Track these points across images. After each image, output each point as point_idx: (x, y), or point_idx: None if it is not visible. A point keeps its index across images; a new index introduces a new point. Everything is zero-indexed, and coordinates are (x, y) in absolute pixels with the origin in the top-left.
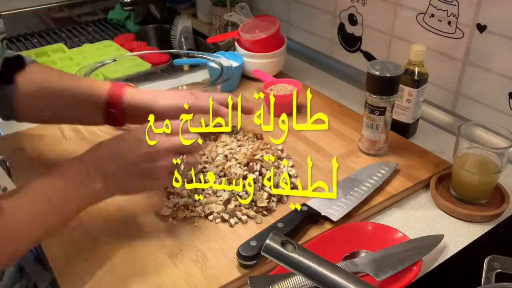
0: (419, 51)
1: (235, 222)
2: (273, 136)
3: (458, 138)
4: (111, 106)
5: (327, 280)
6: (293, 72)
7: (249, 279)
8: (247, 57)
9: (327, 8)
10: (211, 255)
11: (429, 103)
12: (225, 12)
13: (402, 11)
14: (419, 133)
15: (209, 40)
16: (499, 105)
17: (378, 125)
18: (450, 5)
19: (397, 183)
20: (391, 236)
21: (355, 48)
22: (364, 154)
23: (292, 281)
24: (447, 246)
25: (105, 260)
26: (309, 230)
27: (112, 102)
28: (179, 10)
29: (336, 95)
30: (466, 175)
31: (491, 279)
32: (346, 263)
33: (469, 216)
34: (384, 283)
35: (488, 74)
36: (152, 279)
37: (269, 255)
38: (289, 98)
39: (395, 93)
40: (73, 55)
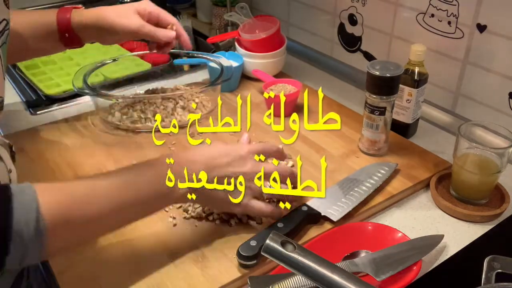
0: (419, 51)
1: (235, 222)
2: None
3: (458, 138)
4: (62, 29)
5: (327, 280)
6: (293, 72)
7: (249, 279)
8: (247, 57)
9: (327, 8)
10: (211, 255)
11: (429, 103)
12: (225, 12)
13: (402, 11)
14: (419, 133)
15: (209, 40)
16: (499, 105)
17: (378, 125)
18: (450, 5)
19: (397, 183)
20: (391, 236)
21: (355, 48)
22: (364, 154)
23: (292, 281)
24: (447, 246)
25: (105, 260)
26: (309, 230)
27: (62, 27)
28: (179, 10)
29: (336, 95)
30: (466, 175)
31: (491, 279)
32: (346, 263)
33: (469, 216)
34: (384, 283)
35: (488, 74)
36: (152, 279)
37: (269, 255)
38: (290, 97)
39: (395, 93)
40: (73, 55)
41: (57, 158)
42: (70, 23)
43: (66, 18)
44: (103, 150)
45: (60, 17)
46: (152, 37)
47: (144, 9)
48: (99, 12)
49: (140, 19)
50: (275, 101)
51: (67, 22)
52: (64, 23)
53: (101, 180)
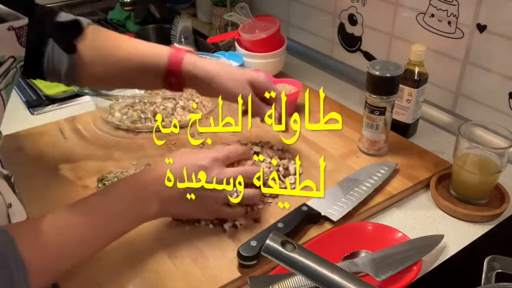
0: (419, 51)
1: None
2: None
3: (458, 138)
4: (170, 74)
5: (327, 280)
6: (293, 72)
7: (249, 279)
8: (247, 57)
9: (327, 8)
10: (211, 255)
11: (429, 103)
12: (225, 12)
13: (402, 11)
14: (419, 133)
15: (209, 40)
16: (499, 105)
17: (378, 125)
18: (450, 5)
19: (397, 183)
20: (391, 236)
21: (355, 48)
22: (364, 154)
23: (292, 281)
24: (447, 246)
25: (105, 260)
26: (309, 230)
27: (171, 70)
28: (179, 10)
29: (336, 95)
30: (466, 175)
31: (491, 279)
32: (346, 263)
33: (469, 216)
34: (384, 283)
35: (488, 74)
36: (152, 279)
37: (269, 255)
38: (290, 98)
39: (395, 93)
40: None
41: (57, 158)
42: (181, 69)
43: (178, 63)
44: (103, 150)
45: (173, 60)
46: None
47: (257, 81)
48: (213, 69)
49: (251, 89)
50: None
51: (178, 67)
52: (175, 67)
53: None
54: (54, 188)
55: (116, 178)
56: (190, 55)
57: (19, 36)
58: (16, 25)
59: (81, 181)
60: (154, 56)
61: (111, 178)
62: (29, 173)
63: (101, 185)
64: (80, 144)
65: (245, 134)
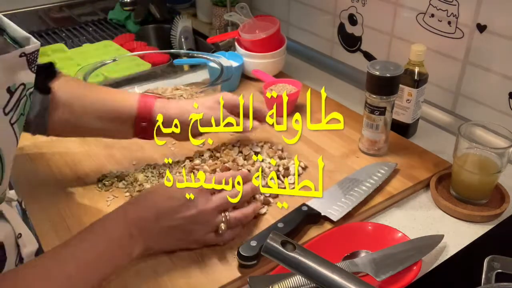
0: (419, 51)
1: None
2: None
3: (458, 138)
4: (141, 119)
5: (327, 280)
6: (293, 72)
7: (249, 279)
8: (247, 57)
9: (327, 8)
10: (211, 255)
11: (429, 103)
12: (225, 12)
13: (402, 11)
14: (419, 133)
15: (209, 40)
16: (499, 105)
17: (378, 125)
18: (450, 5)
19: (397, 183)
20: (391, 236)
21: (355, 48)
22: (364, 154)
23: (292, 281)
24: (447, 246)
25: None
26: (309, 230)
27: (141, 116)
28: (179, 10)
29: (336, 95)
30: (466, 175)
31: (491, 279)
32: (346, 263)
33: (469, 216)
34: (384, 283)
35: (488, 74)
36: (152, 279)
37: (269, 255)
38: (290, 98)
39: (395, 93)
40: (73, 55)
41: (57, 158)
42: (152, 113)
43: (149, 107)
44: (104, 150)
45: (142, 105)
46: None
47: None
48: (184, 112)
49: (225, 110)
50: (277, 101)
51: (149, 111)
52: (145, 112)
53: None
54: (54, 188)
55: (116, 178)
56: (160, 100)
57: (30, 62)
58: (28, 51)
59: (81, 181)
60: (124, 100)
61: (111, 178)
62: (29, 173)
63: (101, 185)
64: (81, 145)
65: (245, 134)
